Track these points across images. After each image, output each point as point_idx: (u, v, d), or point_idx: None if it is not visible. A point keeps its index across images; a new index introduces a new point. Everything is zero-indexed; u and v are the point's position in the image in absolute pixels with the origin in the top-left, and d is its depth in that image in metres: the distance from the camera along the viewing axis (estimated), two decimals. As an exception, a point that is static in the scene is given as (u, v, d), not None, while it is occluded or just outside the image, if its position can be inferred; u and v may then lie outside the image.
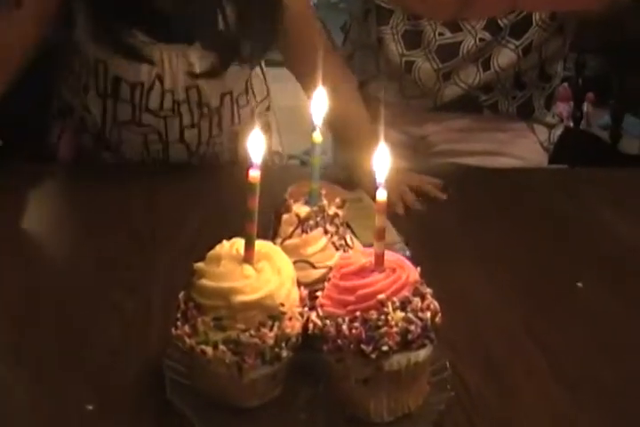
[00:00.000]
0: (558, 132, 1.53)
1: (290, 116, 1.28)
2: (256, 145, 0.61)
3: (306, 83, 1.20)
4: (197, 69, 1.16)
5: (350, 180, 1.03)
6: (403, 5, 1.27)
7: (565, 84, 2.08)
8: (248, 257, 0.63)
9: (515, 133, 1.47)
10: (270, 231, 0.71)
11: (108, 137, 1.23)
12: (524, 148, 1.48)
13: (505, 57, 1.37)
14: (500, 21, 1.33)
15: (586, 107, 2.54)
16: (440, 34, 1.36)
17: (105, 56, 1.15)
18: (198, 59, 1.15)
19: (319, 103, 0.69)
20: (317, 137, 0.67)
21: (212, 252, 0.64)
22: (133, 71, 1.16)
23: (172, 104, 1.18)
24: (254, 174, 0.60)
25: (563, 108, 2.44)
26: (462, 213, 1.10)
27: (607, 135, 2.07)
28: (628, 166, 1.85)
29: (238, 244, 0.64)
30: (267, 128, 1.32)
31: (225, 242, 0.65)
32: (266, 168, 0.63)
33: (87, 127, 1.24)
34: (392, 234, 0.93)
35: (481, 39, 1.35)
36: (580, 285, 0.93)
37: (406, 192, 1.13)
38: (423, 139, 1.46)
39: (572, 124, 2.05)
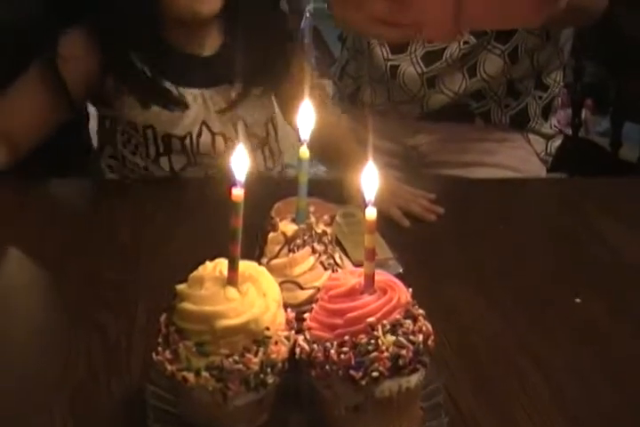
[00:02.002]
0: (556, 143, 1.51)
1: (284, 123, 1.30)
2: (240, 162, 0.59)
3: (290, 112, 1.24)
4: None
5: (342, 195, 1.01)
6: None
7: (564, 90, 2.07)
8: (232, 279, 0.60)
9: (509, 144, 1.45)
10: (256, 250, 0.68)
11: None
12: (520, 159, 1.46)
13: (492, 64, 1.36)
14: None
15: (584, 114, 2.52)
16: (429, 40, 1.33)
17: (152, 119, 1.18)
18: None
19: (305, 117, 0.66)
20: (304, 152, 0.65)
21: (194, 273, 0.62)
22: (180, 124, 1.18)
23: (225, 145, 1.20)
24: (237, 193, 0.57)
25: (560, 115, 2.42)
26: (456, 226, 1.08)
27: (607, 142, 2.06)
28: (629, 174, 1.83)
29: (222, 265, 0.61)
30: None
31: (208, 263, 0.62)
32: (254, 182, 0.61)
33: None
34: (384, 250, 0.91)
35: (465, 42, 1.34)
36: (578, 300, 0.90)
37: (395, 210, 1.10)
38: (415, 149, 1.45)
39: (570, 132, 2.03)
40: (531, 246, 1.05)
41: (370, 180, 0.60)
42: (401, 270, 0.88)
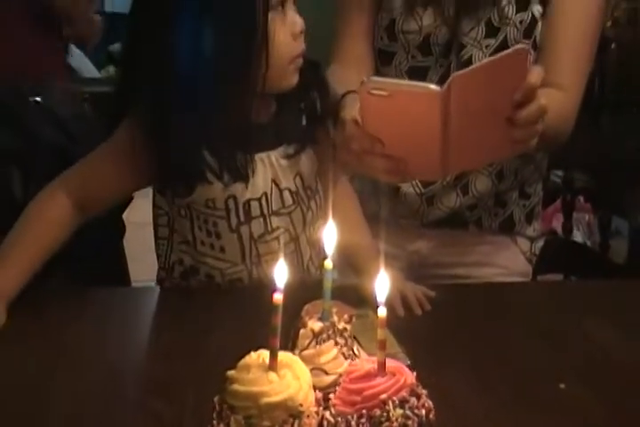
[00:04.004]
0: (539, 244, 1.65)
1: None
2: (280, 272, 0.75)
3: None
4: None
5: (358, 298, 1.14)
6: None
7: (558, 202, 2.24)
8: (272, 365, 0.75)
9: (498, 246, 1.60)
10: (290, 343, 0.84)
11: (249, 263, 1.31)
12: (508, 258, 1.61)
13: (481, 183, 1.52)
14: None
15: (576, 216, 2.68)
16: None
17: (232, 189, 1.26)
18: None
19: (330, 235, 0.84)
20: (329, 264, 0.82)
21: (242, 361, 0.77)
22: (256, 187, 1.27)
23: (291, 198, 1.31)
24: (278, 297, 0.74)
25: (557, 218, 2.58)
26: (456, 324, 1.21)
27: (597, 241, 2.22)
28: (617, 276, 1.98)
29: (264, 354, 0.76)
30: None
31: (253, 353, 0.78)
32: (288, 288, 0.76)
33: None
34: (394, 345, 1.05)
35: None
36: (562, 386, 1.02)
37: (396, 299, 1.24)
38: (416, 252, 1.59)
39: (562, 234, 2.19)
40: (521, 340, 1.17)
41: (381, 285, 0.76)
42: (408, 362, 1.00)
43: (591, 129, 2.36)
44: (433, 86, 1.05)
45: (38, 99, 1.58)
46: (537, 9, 1.44)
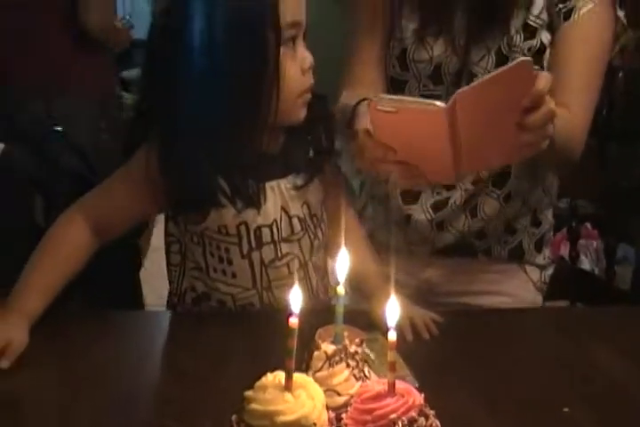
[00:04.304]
0: (549, 272, 1.66)
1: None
2: (295, 296, 0.80)
3: (329, 245, 1.40)
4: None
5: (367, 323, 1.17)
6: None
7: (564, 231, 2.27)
8: (288, 386, 0.79)
9: (507, 274, 1.61)
10: (304, 365, 0.88)
11: (260, 288, 1.35)
12: (517, 287, 1.61)
13: (489, 206, 1.54)
14: (480, 173, 1.50)
15: (584, 243, 2.71)
16: (438, 193, 1.53)
17: (244, 216, 1.29)
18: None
19: (342, 263, 0.88)
20: (341, 290, 0.86)
21: (259, 382, 0.81)
22: (266, 214, 1.31)
23: (300, 225, 1.34)
24: (293, 321, 0.78)
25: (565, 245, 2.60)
26: (463, 349, 1.24)
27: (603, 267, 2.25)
28: (623, 302, 2.01)
29: (280, 376, 0.80)
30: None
31: (269, 374, 0.82)
32: (302, 312, 0.80)
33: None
34: (403, 368, 1.09)
35: (465, 190, 1.52)
36: (566, 410, 1.05)
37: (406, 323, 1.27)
38: (426, 281, 1.61)
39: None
40: (527, 365, 1.20)
41: (392, 310, 0.80)
42: (417, 384, 1.03)
43: (598, 156, 2.39)
44: (438, 103, 1.09)
45: (59, 128, 1.64)
46: (545, 36, 1.46)
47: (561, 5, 1.44)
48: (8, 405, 1.06)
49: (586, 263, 2.94)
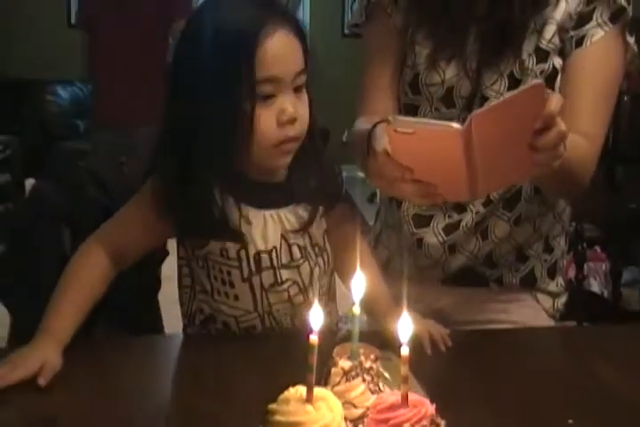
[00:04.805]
0: (563, 299, 1.67)
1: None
2: (316, 315, 0.86)
3: (344, 273, 1.46)
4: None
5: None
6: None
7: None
8: (309, 399, 0.85)
9: (519, 303, 1.63)
10: (322, 380, 0.94)
11: (261, 311, 1.40)
12: (530, 316, 1.63)
13: (500, 228, 1.56)
14: (491, 196, 1.53)
15: (592, 266, 2.76)
16: (449, 216, 1.57)
17: (244, 243, 1.35)
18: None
19: (358, 284, 0.95)
20: (356, 310, 0.93)
21: (282, 395, 0.87)
22: (265, 240, 1.36)
23: (299, 253, 1.38)
24: (314, 338, 0.85)
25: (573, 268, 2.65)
26: (473, 367, 1.29)
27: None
28: (629, 322, 2.06)
29: (301, 389, 0.87)
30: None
31: (291, 388, 0.88)
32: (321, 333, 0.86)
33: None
34: (415, 386, 1.14)
35: (477, 212, 1.55)
36: (570, 422, 1.10)
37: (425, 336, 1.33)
38: (439, 310, 1.62)
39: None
40: (534, 382, 1.25)
41: (405, 326, 0.87)
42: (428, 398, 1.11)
43: (605, 181, 2.45)
44: (454, 124, 1.13)
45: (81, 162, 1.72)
46: (557, 61, 1.48)
47: (572, 32, 1.48)
48: (46, 420, 1.14)
49: (595, 286, 2.98)
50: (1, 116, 5.84)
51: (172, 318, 1.64)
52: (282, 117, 1.28)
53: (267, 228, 1.37)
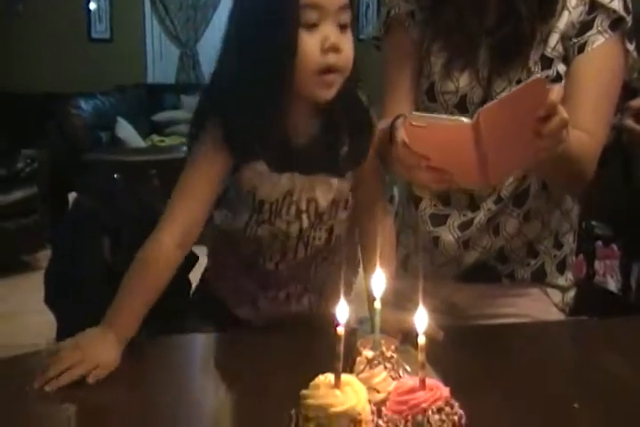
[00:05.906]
0: (571, 293, 1.75)
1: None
2: (342, 310, 0.96)
3: (366, 260, 1.54)
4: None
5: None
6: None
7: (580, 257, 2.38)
8: (337, 384, 0.95)
9: (530, 298, 1.70)
10: (347, 368, 1.04)
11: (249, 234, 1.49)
12: (540, 310, 1.70)
13: (510, 224, 1.64)
14: (501, 194, 1.63)
15: (599, 264, 2.81)
16: (464, 215, 1.66)
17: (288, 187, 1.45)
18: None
19: (378, 281, 1.05)
20: (378, 305, 1.03)
21: (313, 382, 0.97)
22: (298, 194, 1.46)
23: (295, 212, 1.47)
24: (341, 330, 0.95)
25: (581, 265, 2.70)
26: (485, 358, 1.37)
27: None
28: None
29: (330, 376, 0.97)
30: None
31: (321, 376, 0.99)
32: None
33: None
34: (430, 372, 1.24)
35: (488, 209, 1.63)
36: (576, 405, 1.19)
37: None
38: (454, 305, 1.70)
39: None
40: (542, 371, 1.34)
41: (420, 318, 0.97)
42: None
43: (619, 178, 2.51)
44: (465, 119, 1.25)
45: (115, 175, 1.83)
46: (561, 67, 1.57)
47: (575, 40, 1.58)
48: (89, 414, 1.25)
49: (612, 284, 3.03)
50: (26, 131, 5.99)
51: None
52: (325, 44, 1.33)
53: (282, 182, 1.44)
